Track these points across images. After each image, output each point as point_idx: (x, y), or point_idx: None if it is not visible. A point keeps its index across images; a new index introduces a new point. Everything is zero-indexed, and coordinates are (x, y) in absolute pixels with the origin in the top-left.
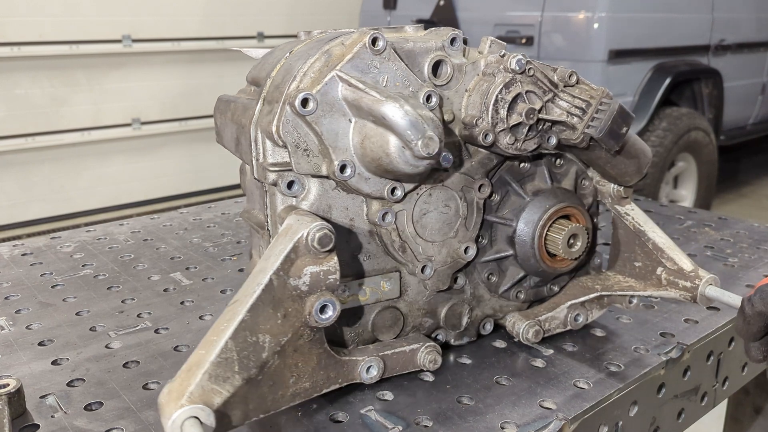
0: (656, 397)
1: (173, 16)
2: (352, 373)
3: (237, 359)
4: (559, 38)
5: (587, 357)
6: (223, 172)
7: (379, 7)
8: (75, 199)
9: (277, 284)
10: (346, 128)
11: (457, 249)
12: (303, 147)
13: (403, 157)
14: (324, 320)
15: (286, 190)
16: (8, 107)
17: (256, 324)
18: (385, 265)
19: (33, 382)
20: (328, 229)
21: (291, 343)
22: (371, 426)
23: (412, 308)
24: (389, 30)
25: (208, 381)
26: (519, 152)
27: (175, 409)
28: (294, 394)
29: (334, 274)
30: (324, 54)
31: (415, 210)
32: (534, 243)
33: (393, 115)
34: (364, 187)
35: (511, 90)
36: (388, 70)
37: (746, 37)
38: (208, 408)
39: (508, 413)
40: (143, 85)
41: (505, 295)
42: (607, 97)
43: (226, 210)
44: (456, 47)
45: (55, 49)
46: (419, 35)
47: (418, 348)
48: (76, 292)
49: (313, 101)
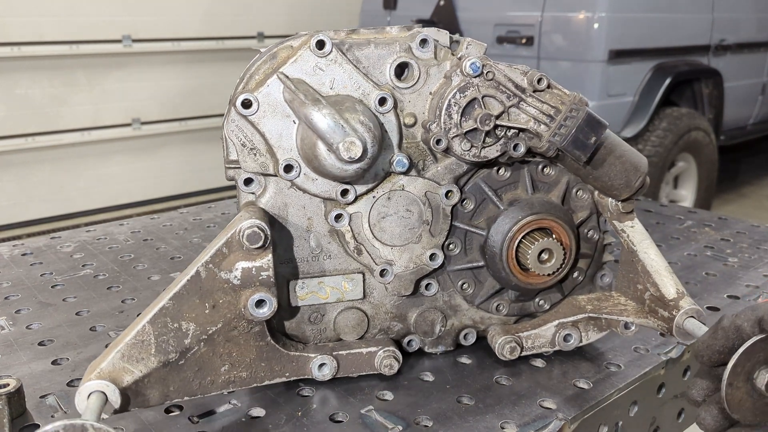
0: (656, 397)
1: (173, 16)
2: (303, 368)
3: (154, 342)
4: (559, 38)
5: (587, 357)
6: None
7: (379, 7)
8: (75, 199)
9: (205, 276)
10: (291, 129)
11: (420, 255)
12: (249, 146)
13: (330, 160)
14: (260, 315)
15: (243, 187)
16: (8, 107)
17: (180, 312)
18: (347, 266)
19: (33, 382)
20: (259, 228)
21: (222, 333)
22: (371, 426)
23: (378, 311)
24: (369, 31)
25: (120, 360)
26: (478, 159)
27: (84, 382)
28: (228, 381)
29: (267, 271)
30: (270, 56)
31: (372, 213)
32: (503, 255)
33: (314, 119)
34: (311, 188)
35: (467, 94)
36: (334, 73)
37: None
38: (113, 385)
39: (508, 413)
40: (143, 85)
41: (483, 307)
42: (578, 104)
43: (226, 210)
44: (425, 49)
45: (55, 49)
46: (390, 36)
47: (375, 351)
48: (76, 292)
49: (255, 102)
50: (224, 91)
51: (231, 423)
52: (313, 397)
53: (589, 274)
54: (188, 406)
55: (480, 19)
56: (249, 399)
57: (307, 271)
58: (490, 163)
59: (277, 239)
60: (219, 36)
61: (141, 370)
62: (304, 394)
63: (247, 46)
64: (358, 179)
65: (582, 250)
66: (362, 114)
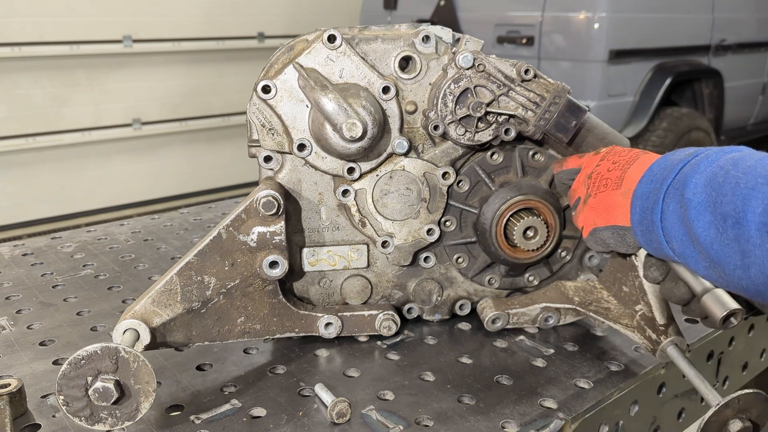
0: (657, 397)
1: (174, 17)
2: (311, 326)
3: (180, 292)
4: (559, 38)
5: (588, 356)
6: (223, 172)
7: (379, 7)
8: (75, 199)
9: (226, 237)
10: (304, 112)
11: (418, 229)
12: (268, 127)
13: (335, 139)
14: (273, 274)
15: (263, 164)
16: (9, 107)
17: (203, 267)
18: (353, 237)
19: (34, 382)
20: (273, 197)
21: (239, 288)
22: (372, 425)
23: (381, 279)
24: (380, 28)
25: (150, 304)
26: (472, 143)
27: (121, 321)
28: (243, 332)
29: (280, 236)
30: (288, 48)
31: (375, 189)
32: (492, 231)
33: (322, 102)
34: (321, 165)
35: (460, 84)
36: (344, 64)
37: (747, 37)
38: (144, 324)
39: (508, 413)
40: (144, 85)
41: (476, 280)
42: (561, 92)
43: (226, 210)
44: (428, 44)
45: (56, 50)
46: (397, 33)
47: (376, 314)
48: (77, 292)
49: (273, 88)
50: (225, 91)
51: (232, 423)
52: (313, 397)
53: (577, 254)
54: (189, 406)
55: (480, 19)
56: (250, 399)
57: (318, 240)
58: (484, 147)
59: (292, 211)
60: (219, 36)
61: (168, 314)
62: (304, 394)
63: (248, 47)
64: (362, 158)
65: (569, 232)
66: (365, 100)
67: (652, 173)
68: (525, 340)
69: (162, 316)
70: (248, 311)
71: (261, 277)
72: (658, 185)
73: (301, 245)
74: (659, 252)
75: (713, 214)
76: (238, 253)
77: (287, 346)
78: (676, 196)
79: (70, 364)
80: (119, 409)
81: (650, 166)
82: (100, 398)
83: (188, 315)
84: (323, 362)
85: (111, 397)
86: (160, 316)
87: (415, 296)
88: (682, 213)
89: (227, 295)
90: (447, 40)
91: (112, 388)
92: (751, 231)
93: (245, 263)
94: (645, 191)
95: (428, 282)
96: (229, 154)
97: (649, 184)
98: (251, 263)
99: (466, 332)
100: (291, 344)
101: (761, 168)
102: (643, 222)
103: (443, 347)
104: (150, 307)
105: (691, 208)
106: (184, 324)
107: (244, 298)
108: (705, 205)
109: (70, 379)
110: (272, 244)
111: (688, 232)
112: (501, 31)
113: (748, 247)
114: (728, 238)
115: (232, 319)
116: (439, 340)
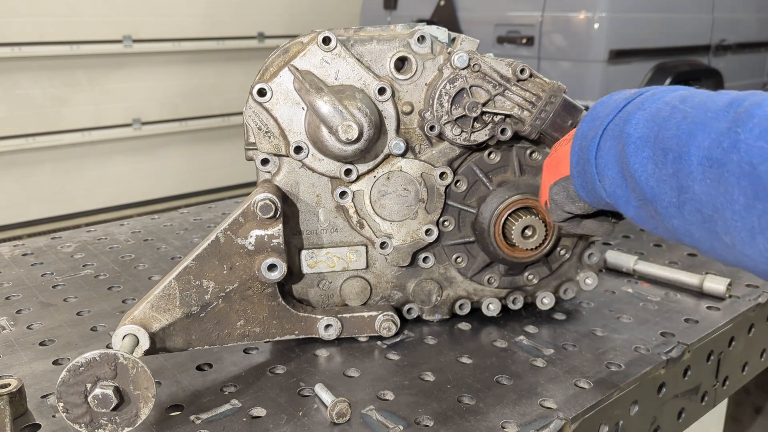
0: (657, 397)
1: (173, 17)
2: (310, 328)
3: (179, 296)
4: (559, 38)
5: (588, 357)
6: (223, 172)
7: (379, 7)
8: (75, 199)
9: (224, 241)
10: (300, 115)
11: (417, 230)
12: (264, 130)
13: (331, 141)
14: (272, 277)
15: (261, 166)
16: (9, 107)
17: (201, 271)
18: (352, 238)
19: (34, 382)
20: (270, 200)
21: (238, 292)
22: (372, 425)
23: (380, 280)
24: (375, 29)
25: (149, 309)
26: (468, 143)
27: (120, 326)
28: (243, 335)
29: (278, 239)
30: (283, 51)
31: (373, 191)
32: (491, 230)
33: (317, 105)
34: (318, 167)
35: (456, 85)
36: (339, 66)
37: (747, 37)
38: (143, 329)
39: (508, 413)
40: (144, 85)
41: (476, 279)
42: (557, 91)
43: (226, 210)
44: (423, 44)
45: (56, 50)
46: (393, 33)
47: (376, 315)
48: (77, 292)
49: (269, 91)
50: (224, 91)
51: (232, 423)
52: (313, 397)
53: (576, 252)
54: (189, 406)
55: (480, 19)
56: (250, 399)
57: (316, 242)
58: (481, 147)
59: (290, 213)
60: (219, 36)
61: (167, 319)
62: (304, 394)
63: (248, 47)
64: (359, 159)
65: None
66: (360, 101)
67: (595, 112)
68: (525, 340)
69: (161, 321)
70: (247, 314)
71: (260, 280)
72: (599, 122)
73: (299, 247)
74: (592, 195)
75: (653, 149)
76: (236, 257)
77: (287, 346)
78: (615, 133)
79: (69, 371)
80: (119, 415)
81: (594, 105)
82: (99, 405)
83: (187, 319)
84: (323, 362)
85: (110, 404)
86: (160, 321)
87: (414, 296)
88: (619, 149)
89: (226, 298)
90: (443, 40)
91: (112, 394)
92: (693, 165)
93: (244, 267)
94: (585, 130)
95: (427, 282)
96: (229, 154)
97: (590, 122)
98: (250, 266)
99: (466, 332)
100: (291, 344)
101: (711, 103)
102: (579, 163)
103: (443, 347)
104: (149, 312)
105: (630, 144)
106: (183, 328)
107: (243, 302)
108: (645, 139)
109: (69, 386)
110: (270, 247)
111: (623, 169)
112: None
113: (687, 183)
114: (666, 173)
115: (231, 322)
116: (438, 340)
